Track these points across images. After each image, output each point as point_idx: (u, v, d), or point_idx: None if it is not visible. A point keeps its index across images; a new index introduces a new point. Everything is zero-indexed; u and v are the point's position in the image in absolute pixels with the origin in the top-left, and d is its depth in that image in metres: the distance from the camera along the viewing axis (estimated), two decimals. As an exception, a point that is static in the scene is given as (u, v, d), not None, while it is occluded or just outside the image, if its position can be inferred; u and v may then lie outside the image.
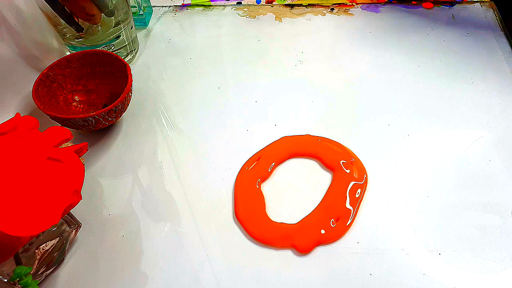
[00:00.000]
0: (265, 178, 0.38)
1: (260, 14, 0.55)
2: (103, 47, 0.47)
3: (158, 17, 0.57)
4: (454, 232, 0.34)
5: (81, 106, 0.44)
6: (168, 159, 0.41)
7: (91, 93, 0.45)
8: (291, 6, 0.56)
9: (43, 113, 0.38)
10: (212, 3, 0.58)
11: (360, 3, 0.55)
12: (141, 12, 0.54)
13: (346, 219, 0.35)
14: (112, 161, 0.41)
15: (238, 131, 0.43)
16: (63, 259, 0.34)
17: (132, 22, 0.49)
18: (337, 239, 0.34)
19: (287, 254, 0.34)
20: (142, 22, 0.55)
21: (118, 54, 0.48)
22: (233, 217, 0.36)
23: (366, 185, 0.37)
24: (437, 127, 0.41)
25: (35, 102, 0.39)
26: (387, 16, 0.53)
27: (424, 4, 0.54)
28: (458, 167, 0.38)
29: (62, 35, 0.46)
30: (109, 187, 0.39)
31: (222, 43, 0.52)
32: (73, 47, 0.47)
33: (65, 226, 0.34)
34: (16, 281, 0.28)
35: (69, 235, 0.34)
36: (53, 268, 0.34)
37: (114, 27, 0.46)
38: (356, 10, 0.54)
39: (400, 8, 0.54)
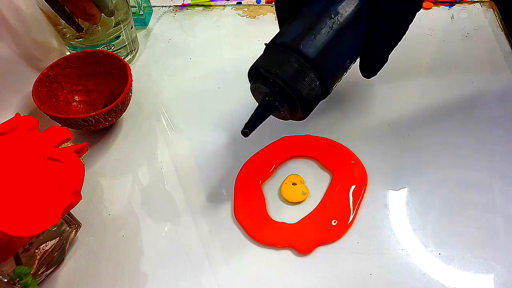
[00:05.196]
0: (265, 178, 0.38)
1: (260, 14, 0.55)
2: (103, 47, 0.47)
3: (158, 17, 0.57)
4: (454, 232, 0.34)
5: (81, 106, 0.44)
6: (168, 159, 0.41)
7: (91, 93, 0.45)
8: (291, 6, 0.56)
9: (43, 113, 0.38)
10: (212, 3, 0.58)
11: (360, 3, 0.55)
12: (141, 12, 0.54)
13: (346, 219, 0.35)
14: (112, 161, 0.41)
15: (238, 131, 0.42)
16: (63, 259, 0.34)
17: (132, 22, 0.49)
18: (337, 239, 0.34)
19: (287, 254, 0.34)
20: (142, 22, 0.55)
21: (118, 54, 0.48)
22: (233, 217, 0.36)
23: (366, 185, 0.37)
24: (437, 127, 0.41)
25: (35, 102, 0.39)
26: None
27: (424, 4, 0.54)
28: (458, 167, 0.38)
29: (62, 35, 0.46)
30: (109, 187, 0.39)
31: (222, 43, 0.52)
32: (73, 47, 0.47)
33: (65, 226, 0.34)
34: (16, 281, 0.28)
35: (69, 235, 0.34)
36: (53, 268, 0.34)
37: (114, 27, 0.46)
38: (356, 10, 0.54)
39: (400, 8, 0.54)
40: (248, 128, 0.31)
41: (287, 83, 0.28)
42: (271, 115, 0.32)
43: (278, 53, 0.29)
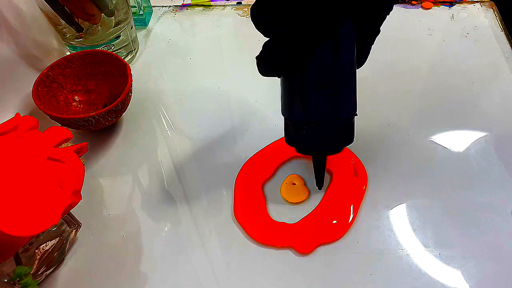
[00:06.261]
0: (265, 178, 0.38)
1: (260, 14, 0.55)
2: (103, 47, 0.47)
3: (158, 17, 0.57)
4: (454, 232, 0.34)
5: (81, 106, 0.44)
6: (168, 159, 0.41)
7: (91, 93, 0.45)
8: (291, 6, 0.56)
9: (43, 113, 0.38)
10: (212, 3, 0.58)
11: (360, 3, 0.55)
12: (141, 12, 0.54)
13: (346, 219, 0.35)
14: (112, 161, 0.41)
15: (238, 131, 0.43)
16: (63, 259, 0.34)
17: (132, 22, 0.49)
18: (337, 239, 0.34)
19: (287, 254, 0.34)
20: (142, 22, 0.55)
21: (118, 54, 0.48)
22: (233, 217, 0.36)
23: (366, 185, 0.37)
24: (437, 127, 0.41)
25: (35, 102, 0.39)
26: (387, 16, 0.53)
27: (424, 4, 0.54)
28: (458, 167, 0.38)
29: (62, 35, 0.46)
30: (109, 187, 0.39)
31: (222, 43, 0.52)
32: (73, 47, 0.47)
33: (65, 226, 0.34)
34: (16, 281, 0.28)
35: (69, 235, 0.34)
36: (53, 268, 0.34)
37: (114, 27, 0.46)
38: (356, 10, 0.54)
39: (400, 8, 0.54)
40: (320, 184, 0.36)
41: (345, 146, 0.32)
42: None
43: (326, 131, 0.30)
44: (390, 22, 0.55)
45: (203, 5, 0.58)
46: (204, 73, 0.49)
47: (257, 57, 0.29)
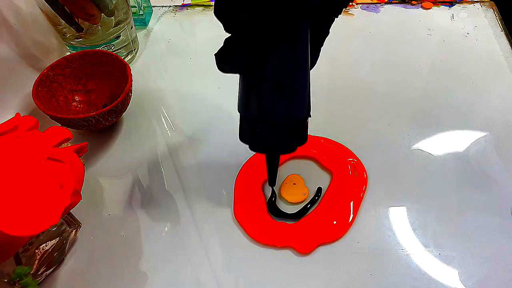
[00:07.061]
0: (265, 178, 0.38)
1: (260, 14, 0.55)
2: (103, 47, 0.47)
3: (158, 17, 0.57)
4: (454, 232, 0.34)
5: (81, 106, 0.44)
6: (168, 159, 0.41)
7: (91, 93, 0.45)
8: (291, 6, 0.56)
9: (43, 113, 0.38)
10: (212, 3, 0.58)
11: (360, 3, 0.55)
12: (141, 12, 0.54)
13: (346, 219, 0.35)
14: (112, 161, 0.41)
15: (238, 131, 0.43)
16: (63, 259, 0.34)
17: (132, 22, 0.49)
18: (337, 239, 0.34)
19: (287, 254, 0.34)
20: (142, 22, 0.55)
21: (118, 54, 0.48)
22: (233, 217, 0.36)
23: (366, 185, 0.37)
24: (437, 127, 0.41)
25: (35, 102, 0.39)
26: (387, 16, 0.53)
27: (424, 4, 0.54)
28: (458, 167, 0.38)
29: (62, 35, 0.46)
30: (109, 187, 0.39)
31: (222, 43, 0.52)
32: (73, 47, 0.47)
33: (65, 226, 0.34)
34: (16, 281, 0.28)
35: (69, 235, 0.34)
36: (53, 268, 0.34)
37: (114, 27, 0.46)
38: (356, 10, 0.54)
39: (400, 8, 0.54)
40: (273, 183, 0.35)
41: (298, 146, 0.31)
42: None
43: (281, 131, 0.30)
44: (390, 22, 0.54)
45: (203, 5, 0.58)
46: (204, 73, 0.49)
47: (216, 54, 0.29)
